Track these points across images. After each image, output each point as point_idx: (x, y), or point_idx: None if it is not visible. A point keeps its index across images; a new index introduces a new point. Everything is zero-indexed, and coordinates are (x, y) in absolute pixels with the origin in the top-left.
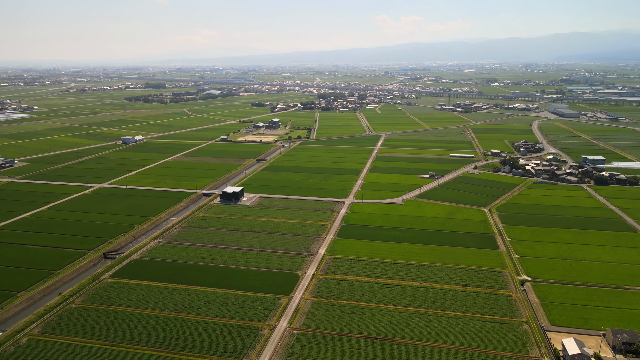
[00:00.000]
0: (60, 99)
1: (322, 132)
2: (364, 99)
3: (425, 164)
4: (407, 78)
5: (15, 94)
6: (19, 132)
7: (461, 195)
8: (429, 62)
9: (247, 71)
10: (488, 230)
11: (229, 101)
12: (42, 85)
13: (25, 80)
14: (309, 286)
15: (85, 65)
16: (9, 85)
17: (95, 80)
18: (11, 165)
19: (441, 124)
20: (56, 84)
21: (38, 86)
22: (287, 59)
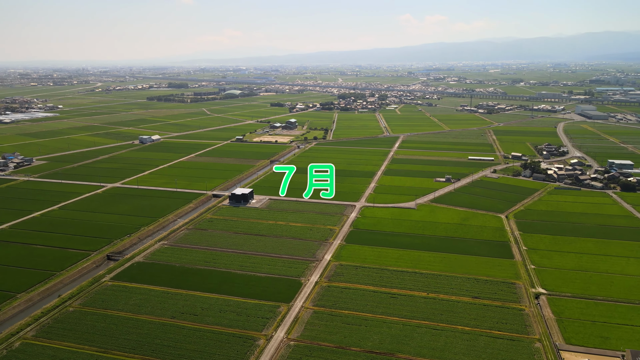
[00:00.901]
0: (85, 98)
1: (338, 133)
2: (384, 99)
3: (442, 166)
4: (430, 78)
5: (43, 93)
6: (41, 131)
7: (477, 200)
8: (453, 62)
9: (269, 71)
10: (503, 238)
11: (249, 101)
12: (69, 84)
13: (54, 79)
14: (311, 294)
15: (113, 65)
16: (38, 84)
17: (121, 80)
18: (29, 163)
19: (461, 126)
20: (83, 83)
21: (66, 86)
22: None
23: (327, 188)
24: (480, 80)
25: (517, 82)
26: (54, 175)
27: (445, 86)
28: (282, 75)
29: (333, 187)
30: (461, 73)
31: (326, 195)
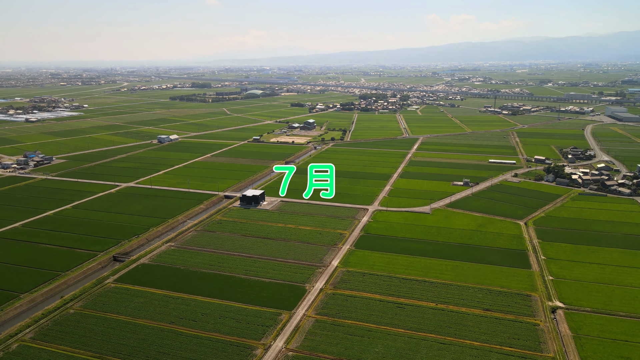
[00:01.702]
0: (110, 97)
1: (357, 134)
2: (406, 100)
3: (461, 170)
4: (455, 79)
5: (71, 92)
6: (64, 130)
7: (495, 205)
8: (479, 62)
9: (293, 71)
10: (521, 247)
11: (270, 101)
12: (97, 84)
13: (83, 79)
14: (315, 301)
15: (140, 65)
16: (67, 84)
17: (147, 80)
18: (49, 162)
19: (484, 127)
20: (110, 83)
21: (93, 85)
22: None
23: (327, 188)
24: (506, 81)
25: (545, 83)
26: (71, 174)
27: (470, 87)
28: (305, 75)
29: (333, 187)
30: (487, 73)
31: (326, 195)
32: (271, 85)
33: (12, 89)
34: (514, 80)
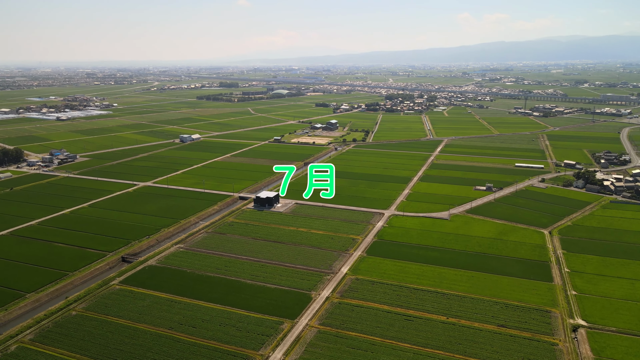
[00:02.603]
0: (139, 97)
1: (379, 135)
2: (433, 100)
3: (485, 174)
4: (486, 79)
5: (103, 91)
6: (92, 128)
7: (519, 212)
8: (513, 62)
9: (321, 71)
10: (543, 257)
11: (295, 101)
12: (129, 84)
13: (117, 79)
14: (319, 310)
15: (173, 65)
16: (101, 84)
17: (177, 80)
18: (72, 160)
19: (512, 129)
20: (141, 82)
21: (125, 85)
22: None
23: (327, 188)
24: (540, 81)
25: (581, 84)
26: (92, 172)
27: (501, 87)
28: (332, 75)
29: (333, 187)
30: (520, 73)
31: (326, 195)
32: (298, 85)
33: (49, 88)
34: (548, 81)
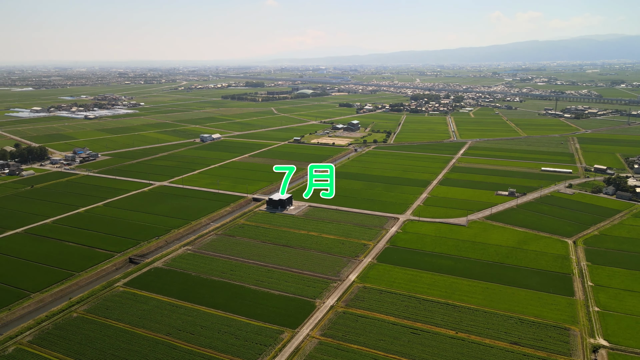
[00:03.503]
0: (166, 96)
1: (401, 137)
2: (459, 101)
3: (508, 178)
4: (516, 79)
5: (132, 91)
6: (117, 127)
7: (542, 219)
8: (546, 61)
9: (348, 71)
10: (565, 269)
11: (319, 101)
12: (158, 83)
13: (146, 78)
14: (322, 320)
15: (203, 65)
16: (131, 83)
17: (204, 79)
18: (94, 158)
19: (541, 132)
20: (170, 82)
21: (154, 84)
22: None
23: (327, 188)
24: (573, 82)
25: (617, 84)
26: (111, 171)
27: (531, 87)
28: (359, 75)
29: (333, 187)
30: (553, 73)
31: (326, 195)
32: (323, 85)
33: (81, 87)
34: (582, 81)
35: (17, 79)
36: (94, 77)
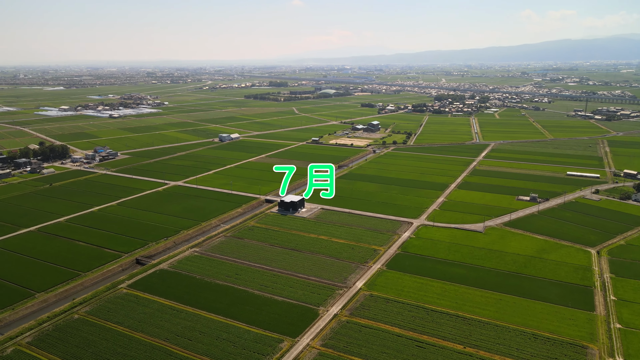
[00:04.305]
0: (190, 95)
1: (422, 138)
2: (485, 102)
3: (531, 182)
4: (546, 79)
5: (158, 90)
6: (139, 126)
7: (564, 227)
8: (578, 61)
9: (373, 71)
10: (586, 281)
11: (341, 101)
12: (184, 82)
13: (173, 78)
14: (324, 329)
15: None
16: (158, 82)
17: (229, 79)
18: (113, 157)
19: (568, 134)
20: (195, 81)
21: (180, 84)
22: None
23: (327, 188)
24: (607, 82)
25: None
26: (129, 170)
27: (562, 88)
28: (383, 75)
29: (333, 187)
30: (585, 73)
31: (326, 195)
32: (346, 85)
33: (110, 86)
34: (616, 82)
35: (50, 79)
36: (123, 76)
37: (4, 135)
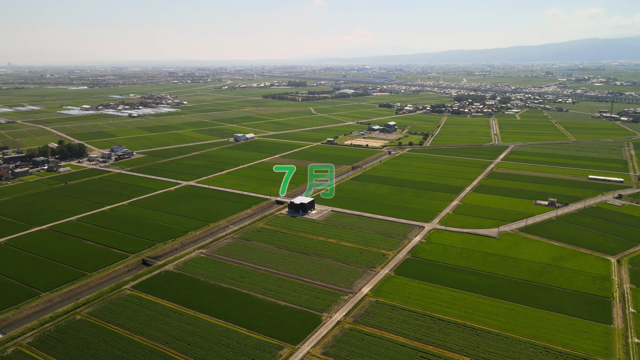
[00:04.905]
0: (209, 95)
1: (439, 139)
2: (506, 102)
3: (550, 186)
4: (571, 79)
5: (178, 90)
6: (157, 125)
7: (583, 233)
8: (606, 61)
9: (393, 71)
10: (604, 292)
11: (359, 101)
12: (204, 82)
13: (194, 77)
14: (326, 336)
15: (250, 64)
16: (178, 82)
17: (249, 79)
18: (129, 156)
19: (592, 136)
20: (215, 81)
21: (201, 83)
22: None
23: (327, 188)
24: (635, 82)
25: None
26: (143, 169)
27: (587, 88)
28: (403, 75)
29: (333, 187)
30: (613, 73)
31: (326, 196)
32: (365, 85)
33: (132, 86)
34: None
35: (75, 78)
36: (146, 76)
37: (25, 133)
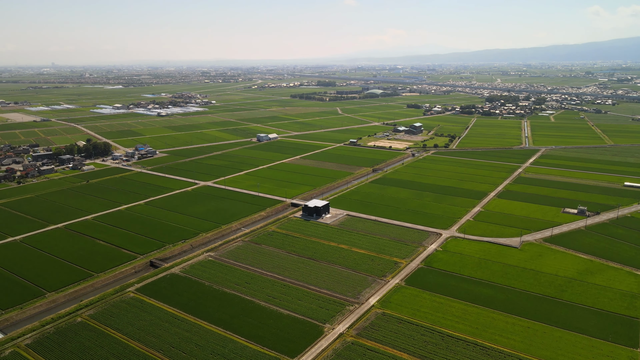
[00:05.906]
0: (238, 94)
1: (466, 142)
2: (540, 103)
3: (581, 193)
4: (613, 79)
5: (208, 89)
6: (183, 124)
7: (613, 245)
8: None
9: (425, 70)
10: (632, 312)
11: (387, 101)
12: (235, 82)
13: (225, 77)
14: (326, 350)
15: (282, 64)
16: (210, 82)
17: (279, 78)
18: (152, 155)
19: (631, 140)
20: (246, 81)
21: (231, 83)
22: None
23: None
24: None
25: None
26: (163, 168)
27: (629, 89)
28: (435, 75)
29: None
30: None
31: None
32: (395, 85)
33: (165, 85)
34: None
35: (112, 78)
36: (179, 75)
37: (57, 131)
